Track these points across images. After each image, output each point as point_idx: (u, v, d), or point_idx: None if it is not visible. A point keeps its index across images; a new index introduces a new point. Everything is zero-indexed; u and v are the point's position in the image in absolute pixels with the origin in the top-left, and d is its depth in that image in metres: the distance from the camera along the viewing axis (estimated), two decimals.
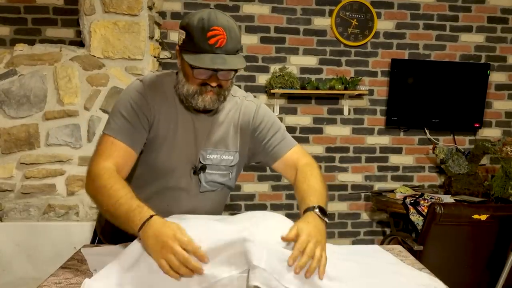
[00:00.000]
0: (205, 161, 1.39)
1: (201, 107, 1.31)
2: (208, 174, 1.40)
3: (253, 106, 1.48)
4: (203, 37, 1.20)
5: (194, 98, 1.29)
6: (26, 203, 2.68)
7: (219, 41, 1.20)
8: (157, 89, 1.36)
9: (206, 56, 1.20)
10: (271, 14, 3.39)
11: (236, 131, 1.45)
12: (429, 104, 3.51)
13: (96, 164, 1.27)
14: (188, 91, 1.29)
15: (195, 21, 1.22)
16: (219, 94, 1.30)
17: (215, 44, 1.20)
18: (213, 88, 1.27)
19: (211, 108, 1.33)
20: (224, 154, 1.41)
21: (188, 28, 1.24)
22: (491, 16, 3.53)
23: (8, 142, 2.66)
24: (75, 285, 1.14)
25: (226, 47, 1.21)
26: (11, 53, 2.67)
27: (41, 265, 2.56)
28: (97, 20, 2.67)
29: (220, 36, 1.20)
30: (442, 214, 2.16)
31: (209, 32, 1.20)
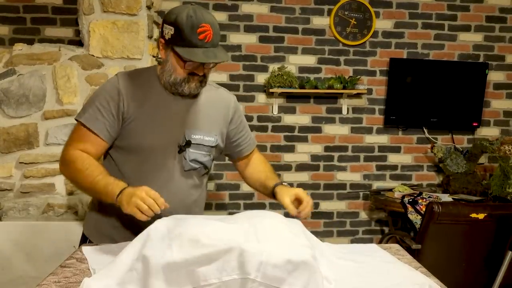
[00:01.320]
0: (191, 139, 1.53)
1: (186, 93, 1.47)
2: (192, 153, 1.53)
3: (230, 98, 1.69)
4: (193, 33, 1.34)
5: (181, 86, 1.45)
6: (25, 203, 2.68)
7: (208, 37, 1.35)
8: (133, 79, 1.50)
9: (198, 50, 1.35)
10: (270, 13, 3.40)
11: (216, 115, 1.61)
12: (428, 103, 3.51)
13: (69, 150, 1.46)
14: (175, 79, 1.44)
15: (183, 18, 1.34)
16: (202, 82, 1.48)
17: (204, 39, 1.35)
18: (202, 76, 1.45)
19: (195, 92, 1.50)
20: (206, 135, 1.56)
21: (177, 24, 1.35)
22: (489, 15, 3.54)
23: (7, 142, 2.66)
24: (74, 284, 1.14)
25: (213, 41, 1.37)
26: (10, 52, 2.67)
27: (40, 264, 2.56)
28: (96, 19, 2.67)
29: (208, 32, 1.35)
30: (440, 213, 2.17)
31: (199, 28, 1.33)
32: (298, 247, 1.06)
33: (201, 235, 1.05)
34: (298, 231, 1.17)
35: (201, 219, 1.18)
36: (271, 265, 1.00)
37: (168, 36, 1.38)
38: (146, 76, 1.53)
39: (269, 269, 0.99)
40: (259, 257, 1.00)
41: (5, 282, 2.56)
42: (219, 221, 1.16)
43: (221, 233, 1.06)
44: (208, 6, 3.32)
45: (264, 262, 1.00)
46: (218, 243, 1.02)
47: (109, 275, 1.07)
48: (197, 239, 1.04)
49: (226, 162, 3.35)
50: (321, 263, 1.09)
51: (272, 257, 1.01)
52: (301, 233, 1.17)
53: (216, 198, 3.48)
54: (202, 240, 1.04)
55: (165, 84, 1.48)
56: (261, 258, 1.00)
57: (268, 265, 1.00)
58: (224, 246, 1.01)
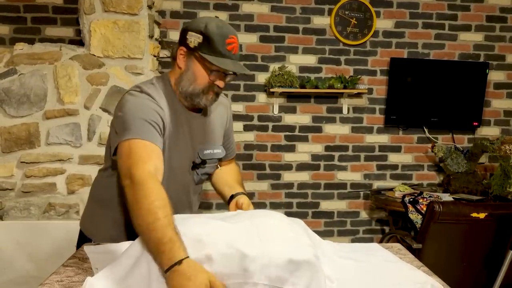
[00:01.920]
0: (204, 156, 1.53)
1: (202, 104, 1.44)
2: (204, 167, 1.55)
3: (228, 101, 1.69)
4: (223, 43, 1.35)
5: (198, 97, 1.42)
6: (27, 202, 2.68)
7: (234, 49, 1.37)
8: (159, 95, 1.42)
9: (227, 60, 1.36)
10: (271, 13, 3.40)
11: (219, 124, 1.62)
12: (428, 102, 3.52)
13: (138, 169, 1.21)
14: (195, 90, 1.40)
15: (214, 28, 1.35)
16: (218, 94, 1.46)
17: (232, 51, 1.37)
18: (219, 89, 1.42)
19: (209, 106, 1.48)
20: (215, 148, 1.58)
21: (207, 33, 1.34)
22: (490, 15, 3.54)
23: (9, 141, 2.66)
24: (77, 283, 1.14)
25: (237, 54, 1.40)
26: (11, 52, 2.67)
27: (41, 263, 2.56)
28: (97, 19, 2.67)
29: (235, 44, 1.37)
30: (440, 213, 2.17)
31: (228, 39, 1.35)
32: (300, 246, 1.07)
33: (204, 235, 1.05)
34: (300, 231, 1.17)
35: (204, 218, 1.18)
36: (273, 266, 1.00)
37: (195, 44, 1.35)
38: (164, 89, 1.45)
39: (272, 270, 1.00)
40: (261, 260, 1.00)
41: (7, 281, 2.56)
42: (221, 220, 1.16)
43: (224, 234, 1.06)
44: (208, 6, 3.33)
45: (266, 264, 1.00)
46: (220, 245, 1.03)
47: (112, 274, 1.07)
48: (199, 239, 1.04)
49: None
50: (323, 262, 1.10)
51: (274, 257, 1.01)
52: (303, 233, 1.17)
53: (216, 198, 3.47)
54: (204, 240, 1.04)
55: (181, 94, 1.43)
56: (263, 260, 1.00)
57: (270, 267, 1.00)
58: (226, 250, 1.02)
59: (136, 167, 1.21)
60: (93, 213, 1.60)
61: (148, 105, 1.35)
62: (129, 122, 1.30)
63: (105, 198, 1.54)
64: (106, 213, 1.54)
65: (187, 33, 1.38)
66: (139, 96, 1.38)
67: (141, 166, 1.21)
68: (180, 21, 3.32)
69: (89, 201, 1.65)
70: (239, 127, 3.43)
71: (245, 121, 3.44)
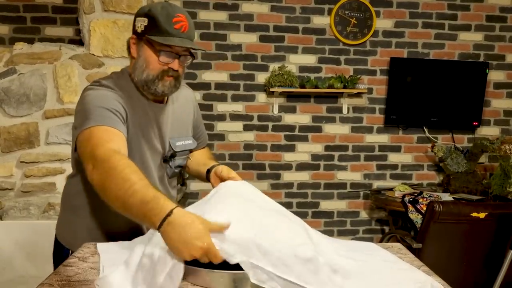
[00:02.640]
0: (176, 148, 1.49)
1: (159, 92, 1.37)
2: (176, 159, 1.52)
3: (192, 92, 1.65)
4: (169, 22, 1.29)
5: (154, 83, 1.35)
6: (26, 202, 2.68)
7: (183, 27, 1.30)
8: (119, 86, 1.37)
9: (174, 38, 1.29)
10: (270, 12, 3.40)
11: (187, 115, 1.58)
12: (428, 102, 3.52)
13: (100, 148, 1.16)
14: (148, 76, 1.35)
15: (158, 8, 1.31)
16: (177, 80, 1.38)
17: (180, 29, 1.30)
18: (174, 72, 1.35)
19: (169, 93, 1.41)
20: (186, 139, 1.54)
21: (151, 14, 1.31)
22: (489, 15, 3.54)
23: (8, 141, 2.66)
24: (77, 282, 1.14)
25: (188, 33, 1.32)
26: (11, 51, 2.67)
27: (41, 263, 2.56)
28: (97, 18, 2.66)
29: (183, 23, 1.30)
30: (440, 212, 2.17)
31: (174, 18, 1.29)
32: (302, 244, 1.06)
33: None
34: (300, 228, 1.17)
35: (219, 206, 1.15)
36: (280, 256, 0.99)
37: (141, 29, 1.32)
38: (125, 82, 1.40)
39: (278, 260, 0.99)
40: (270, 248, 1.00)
41: (6, 281, 2.56)
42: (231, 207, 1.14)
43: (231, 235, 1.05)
44: (208, 6, 3.33)
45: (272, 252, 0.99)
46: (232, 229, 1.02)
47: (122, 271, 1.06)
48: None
49: (226, 162, 3.36)
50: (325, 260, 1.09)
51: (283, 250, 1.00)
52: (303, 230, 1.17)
53: None
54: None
55: (137, 83, 1.38)
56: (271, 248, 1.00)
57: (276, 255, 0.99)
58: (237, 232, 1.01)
59: (98, 148, 1.16)
60: (68, 221, 1.54)
61: (108, 95, 1.31)
62: (89, 112, 1.26)
63: (77, 205, 1.48)
64: (81, 221, 1.49)
65: (135, 19, 1.35)
66: (98, 89, 1.33)
67: (102, 146, 1.17)
68: None
69: (62, 209, 1.58)
70: (239, 127, 3.43)
71: (244, 121, 3.44)
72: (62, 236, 1.55)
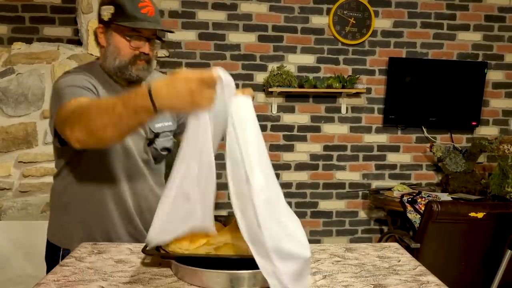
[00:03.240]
0: (155, 130, 1.50)
1: (134, 76, 1.39)
2: (160, 141, 1.51)
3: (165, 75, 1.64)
4: (135, 7, 1.32)
5: (127, 69, 1.37)
6: (24, 202, 2.68)
7: (150, 11, 1.34)
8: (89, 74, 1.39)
9: (143, 22, 1.32)
10: (269, 12, 3.39)
11: None
12: (427, 102, 3.52)
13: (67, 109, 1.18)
14: (121, 62, 1.37)
15: None
16: (149, 64, 1.40)
17: (147, 13, 1.33)
18: (146, 56, 1.37)
19: (144, 77, 1.41)
20: (165, 121, 1.53)
21: (117, 1, 1.33)
22: (488, 15, 3.54)
23: (6, 141, 2.66)
24: (73, 282, 1.14)
25: (155, 17, 1.35)
26: (9, 51, 2.67)
27: (39, 263, 2.54)
28: (95, 18, 2.66)
29: (149, 7, 1.34)
30: (439, 212, 2.17)
31: (140, 3, 1.33)
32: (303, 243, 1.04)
33: None
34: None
35: None
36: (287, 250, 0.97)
37: (108, 16, 1.34)
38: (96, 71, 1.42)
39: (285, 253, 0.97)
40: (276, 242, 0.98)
41: (4, 281, 2.56)
42: None
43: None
44: (207, 5, 3.33)
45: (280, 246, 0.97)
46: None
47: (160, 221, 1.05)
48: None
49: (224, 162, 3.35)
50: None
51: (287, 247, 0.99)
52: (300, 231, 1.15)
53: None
54: None
55: (109, 71, 1.40)
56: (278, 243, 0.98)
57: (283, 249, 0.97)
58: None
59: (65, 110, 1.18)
60: (60, 220, 1.53)
61: (76, 77, 1.34)
62: (61, 93, 1.28)
63: (66, 202, 1.49)
64: (72, 218, 1.49)
65: (100, 8, 1.37)
66: (67, 76, 1.37)
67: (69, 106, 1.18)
68: (179, 21, 3.31)
69: (52, 210, 1.58)
70: None
71: None
72: (56, 237, 1.54)
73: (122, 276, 1.16)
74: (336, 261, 1.35)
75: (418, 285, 1.16)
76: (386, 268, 1.28)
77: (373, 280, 1.19)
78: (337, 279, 1.20)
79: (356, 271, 1.26)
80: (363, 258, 1.37)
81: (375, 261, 1.35)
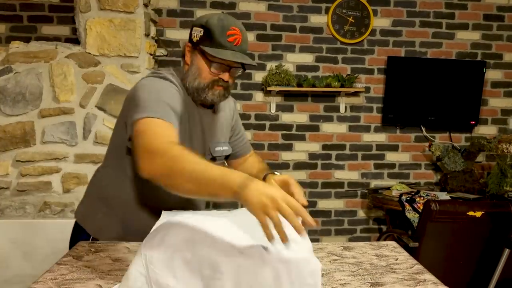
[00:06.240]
0: (215, 153, 1.52)
1: (209, 100, 1.41)
2: None
3: (232, 100, 1.66)
4: (223, 34, 1.32)
5: (204, 92, 1.39)
6: (22, 201, 2.67)
7: (237, 40, 1.34)
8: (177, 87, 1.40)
9: (227, 51, 1.32)
10: (268, 11, 3.39)
11: (226, 122, 1.60)
12: (425, 101, 3.52)
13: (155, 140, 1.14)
14: (199, 84, 1.38)
15: (215, 20, 1.34)
16: (226, 90, 1.42)
17: (234, 42, 1.33)
18: (224, 83, 1.39)
19: (218, 102, 1.45)
20: (224, 146, 1.57)
21: (208, 26, 1.34)
22: (487, 14, 3.54)
23: (4, 140, 2.65)
24: (71, 281, 1.14)
25: (241, 46, 1.35)
26: (7, 50, 2.66)
27: (37, 262, 2.56)
28: (93, 17, 2.66)
29: (237, 36, 1.34)
30: (437, 211, 2.17)
31: (229, 31, 1.33)
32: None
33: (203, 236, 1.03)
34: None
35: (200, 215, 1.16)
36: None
37: (197, 38, 1.36)
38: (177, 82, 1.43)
39: None
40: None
41: (2, 280, 2.56)
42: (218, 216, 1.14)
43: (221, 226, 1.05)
44: (205, 4, 3.32)
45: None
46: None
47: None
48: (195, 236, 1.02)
49: (223, 161, 3.35)
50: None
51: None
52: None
53: None
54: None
55: (188, 89, 1.42)
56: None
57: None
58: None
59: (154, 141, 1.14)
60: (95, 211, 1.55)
61: (167, 88, 1.34)
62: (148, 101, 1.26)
63: (108, 197, 1.51)
64: (110, 212, 1.50)
65: (192, 28, 1.39)
66: (159, 80, 1.36)
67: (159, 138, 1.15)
68: (177, 20, 3.31)
69: (89, 198, 1.60)
70: None
71: (242, 120, 3.34)
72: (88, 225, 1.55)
73: (119, 274, 1.16)
74: (334, 259, 1.35)
75: (415, 283, 1.16)
76: (383, 267, 1.28)
77: (370, 278, 1.19)
78: (335, 278, 1.20)
79: (353, 270, 1.26)
80: (361, 256, 1.37)
81: (373, 259, 1.35)
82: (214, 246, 1.00)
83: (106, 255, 1.32)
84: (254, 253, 1.01)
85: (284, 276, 1.00)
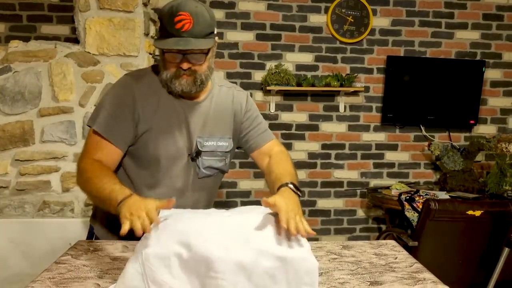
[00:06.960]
0: (203, 148, 1.47)
1: (178, 90, 1.37)
2: (205, 160, 1.48)
3: (244, 95, 1.60)
4: (170, 22, 1.28)
5: (172, 83, 1.36)
6: (21, 200, 2.67)
7: (185, 25, 1.27)
8: (143, 82, 1.42)
9: (171, 39, 1.28)
10: (267, 11, 3.39)
11: (231, 118, 1.54)
12: (425, 101, 3.52)
13: (83, 160, 1.38)
14: (166, 76, 1.36)
15: (165, 9, 1.31)
16: (195, 78, 1.36)
17: (181, 28, 1.27)
18: (185, 71, 1.33)
19: (188, 91, 1.37)
20: (220, 141, 1.50)
21: (160, 16, 1.32)
22: (486, 13, 3.54)
23: (3, 139, 2.64)
24: (69, 280, 1.14)
25: (192, 30, 1.28)
26: (6, 49, 2.65)
27: (36, 261, 2.55)
28: (92, 16, 2.65)
29: (186, 21, 1.27)
30: (436, 210, 2.17)
31: (176, 17, 1.27)
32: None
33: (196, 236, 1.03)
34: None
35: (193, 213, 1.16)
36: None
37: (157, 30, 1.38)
38: (152, 77, 1.43)
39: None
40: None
41: (1, 279, 2.55)
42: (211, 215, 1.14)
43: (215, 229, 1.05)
44: (205, 4, 3.31)
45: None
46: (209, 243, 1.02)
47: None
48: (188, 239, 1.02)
49: None
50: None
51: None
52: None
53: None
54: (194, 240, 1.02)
55: (162, 83, 1.40)
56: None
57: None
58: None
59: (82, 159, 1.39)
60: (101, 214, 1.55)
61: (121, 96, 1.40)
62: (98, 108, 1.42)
63: None
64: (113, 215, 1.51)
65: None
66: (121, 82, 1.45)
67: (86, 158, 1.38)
68: None
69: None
70: None
71: None
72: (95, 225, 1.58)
73: (117, 273, 1.15)
74: (333, 258, 1.35)
75: (414, 282, 1.16)
76: (382, 266, 1.28)
77: (369, 277, 1.19)
78: (334, 276, 1.19)
79: (352, 268, 1.26)
80: (360, 255, 1.37)
81: (372, 258, 1.35)
82: (210, 245, 1.01)
83: (104, 254, 1.32)
84: (250, 252, 1.01)
85: (281, 275, 1.00)
